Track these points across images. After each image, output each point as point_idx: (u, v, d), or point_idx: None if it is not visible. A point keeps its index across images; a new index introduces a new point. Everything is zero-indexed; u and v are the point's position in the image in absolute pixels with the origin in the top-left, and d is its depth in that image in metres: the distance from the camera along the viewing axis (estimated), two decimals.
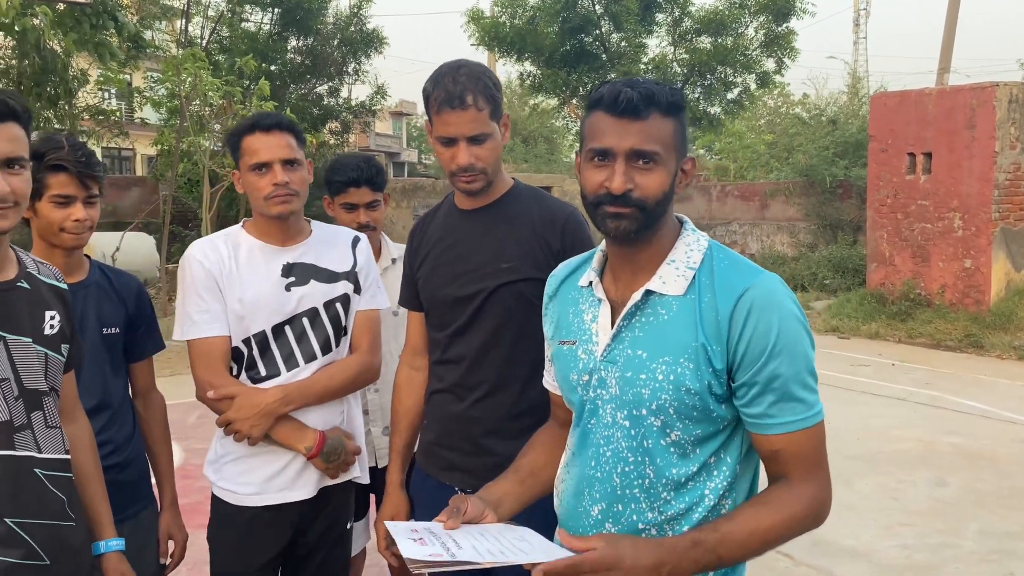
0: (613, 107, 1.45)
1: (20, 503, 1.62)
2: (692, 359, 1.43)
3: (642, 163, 1.45)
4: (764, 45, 18.17)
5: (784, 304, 1.43)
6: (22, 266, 1.74)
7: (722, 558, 1.40)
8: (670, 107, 1.47)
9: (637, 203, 1.45)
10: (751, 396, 1.43)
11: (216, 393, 2.14)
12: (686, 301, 1.46)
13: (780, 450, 1.44)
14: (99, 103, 19.56)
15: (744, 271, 1.48)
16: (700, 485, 1.48)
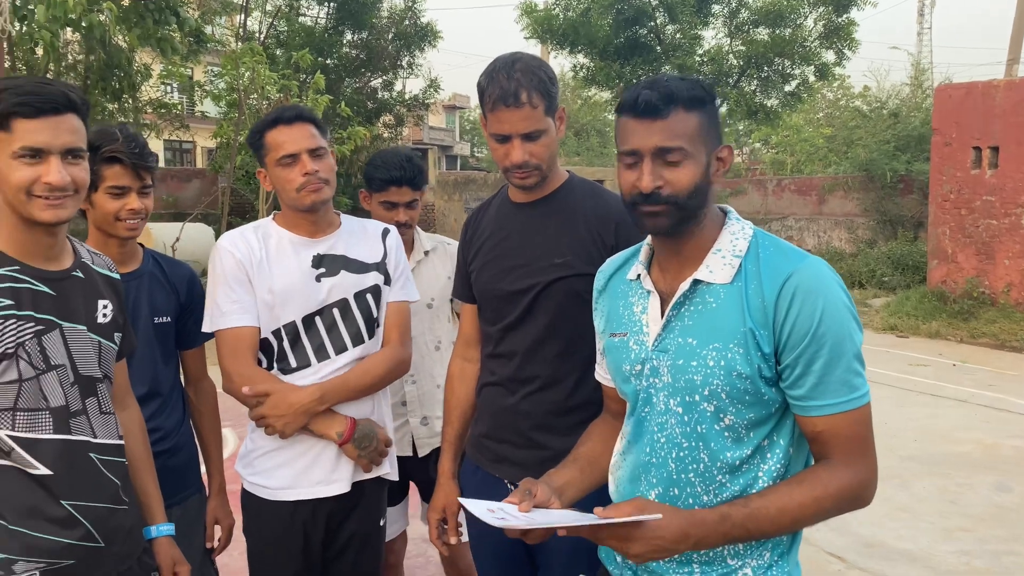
0: (634, 109, 1.49)
1: (76, 486, 1.67)
2: (741, 344, 1.46)
3: (669, 159, 1.48)
4: (823, 36, 17.76)
5: (830, 288, 1.45)
6: (77, 256, 1.78)
7: (751, 532, 1.44)
8: (692, 101, 1.49)
9: (668, 199, 1.48)
10: (794, 378, 1.45)
11: (252, 390, 2.13)
12: (733, 289, 1.49)
13: (822, 432, 1.46)
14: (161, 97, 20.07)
15: (789, 256, 1.49)
16: (754, 468, 1.51)
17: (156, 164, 2.27)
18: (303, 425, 2.13)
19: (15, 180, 1.57)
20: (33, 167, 1.58)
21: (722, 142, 1.56)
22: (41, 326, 1.63)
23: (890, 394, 7.70)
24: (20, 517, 1.61)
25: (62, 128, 1.61)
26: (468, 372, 2.28)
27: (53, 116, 1.60)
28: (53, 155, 1.60)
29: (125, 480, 1.80)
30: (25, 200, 1.59)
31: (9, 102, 1.56)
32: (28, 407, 1.61)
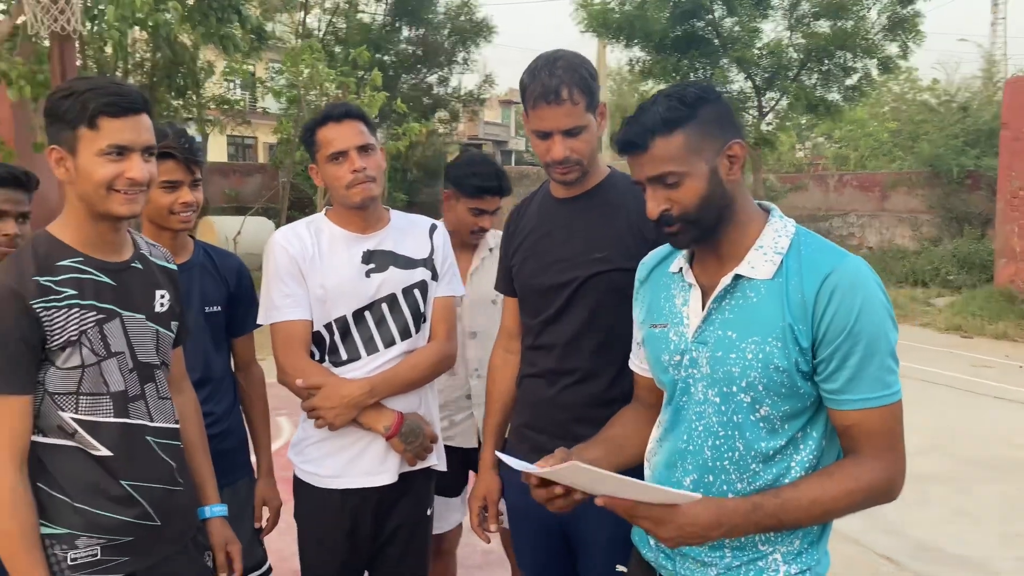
0: (621, 149, 1.59)
1: (134, 467, 1.76)
2: (780, 338, 1.49)
3: (666, 183, 1.54)
4: (887, 29, 17.26)
5: (868, 286, 1.48)
6: (136, 248, 1.87)
7: (782, 522, 1.49)
8: (667, 123, 1.53)
9: (680, 219, 1.55)
10: (829, 372, 1.48)
11: (305, 382, 2.20)
12: (774, 284, 1.53)
13: (852, 425, 1.49)
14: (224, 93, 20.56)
15: (829, 254, 1.53)
16: (787, 458, 1.55)
17: (204, 159, 2.35)
18: (353, 417, 2.19)
19: (99, 176, 1.66)
20: (117, 164, 1.67)
21: (738, 137, 1.58)
22: (103, 315, 1.72)
23: (952, 396, 7.51)
24: (83, 495, 1.70)
25: (141, 127, 1.70)
26: (510, 364, 2.32)
27: (134, 116, 1.69)
28: (135, 152, 1.69)
29: (180, 462, 1.89)
30: (105, 195, 1.67)
31: (98, 102, 1.64)
32: (90, 391, 1.70)
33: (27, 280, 1.64)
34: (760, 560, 1.56)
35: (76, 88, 1.67)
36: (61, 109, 1.66)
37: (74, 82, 1.70)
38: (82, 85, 1.67)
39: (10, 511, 1.61)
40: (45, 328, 1.64)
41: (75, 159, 1.67)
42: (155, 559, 1.79)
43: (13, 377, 1.63)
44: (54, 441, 1.69)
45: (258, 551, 2.51)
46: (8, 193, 2.23)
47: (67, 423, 1.69)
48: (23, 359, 1.63)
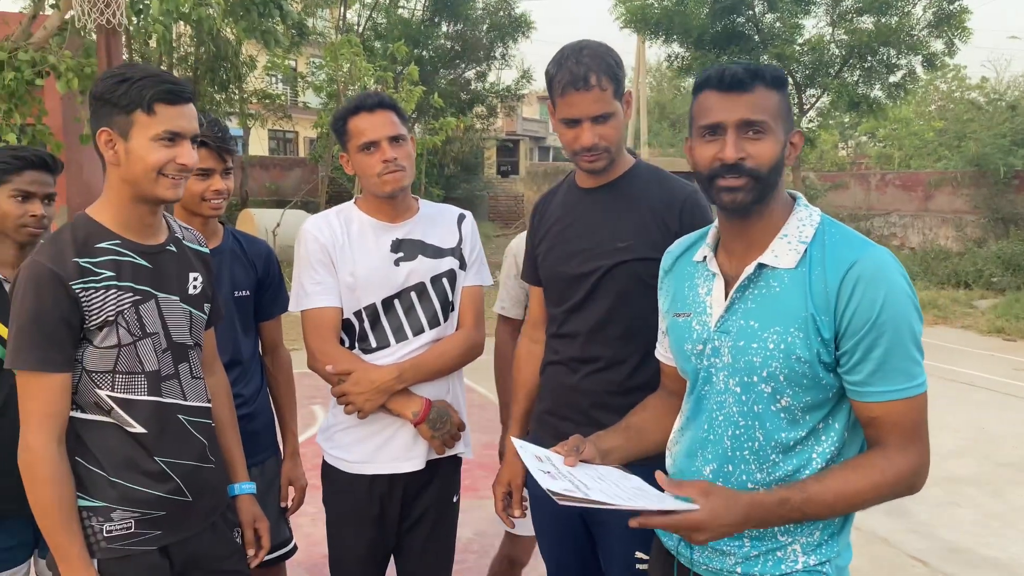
0: (720, 83, 1.52)
1: (167, 444, 1.81)
2: (802, 329, 1.48)
3: (752, 133, 1.51)
4: (933, 25, 16.92)
5: (892, 277, 1.46)
6: (171, 231, 1.92)
7: (807, 515, 1.49)
8: (774, 80, 1.53)
9: (751, 172, 1.50)
10: (852, 364, 1.47)
11: (335, 368, 2.21)
12: (797, 274, 1.51)
13: (877, 417, 1.48)
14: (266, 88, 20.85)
15: (854, 244, 1.51)
16: (808, 449, 1.53)
17: (236, 149, 2.41)
18: (382, 403, 2.22)
19: (152, 160, 1.72)
20: (169, 149, 1.73)
21: (793, 128, 1.59)
22: (139, 296, 1.78)
23: (992, 399, 7.36)
24: (118, 470, 1.76)
25: (191, 116, 1.77)
26: (535, 352, 2.34)
27: (186, 104, 1.76)
28: (186, 139, 1.75)
29: (212, 440, 1.94)
30: (155, 179, 1.73)
31: (155, 89, 1.71)
32: (126, 370, 1.76)
33: (67, 261, 1.70)
34: (779, 550, 1.55)
35: (130, 75, 1.72)
36: (115, 94, 1.71)
37: (125, 69, 1.75)
38: (136, 73, 1.73)
39: (49, 484, 1.67)
40: (84, 308, 1.70)
41: (126, 143, 1.72)
42: (186, 534, 1.85)
43: (53, 355, 1.69)
44: (92, 417, 1.76)
45: (284, 529, 2.57)
46: (35, 175, 2.29)
47: (104, 400, 1.75)
48: (63, 338, 1.69)
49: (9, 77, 8.87)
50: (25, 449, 1.69)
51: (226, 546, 1.98)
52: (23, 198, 2.27)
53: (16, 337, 1.69)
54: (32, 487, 1.68)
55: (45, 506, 1.68)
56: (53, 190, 2.34)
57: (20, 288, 1.70)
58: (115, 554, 1.75)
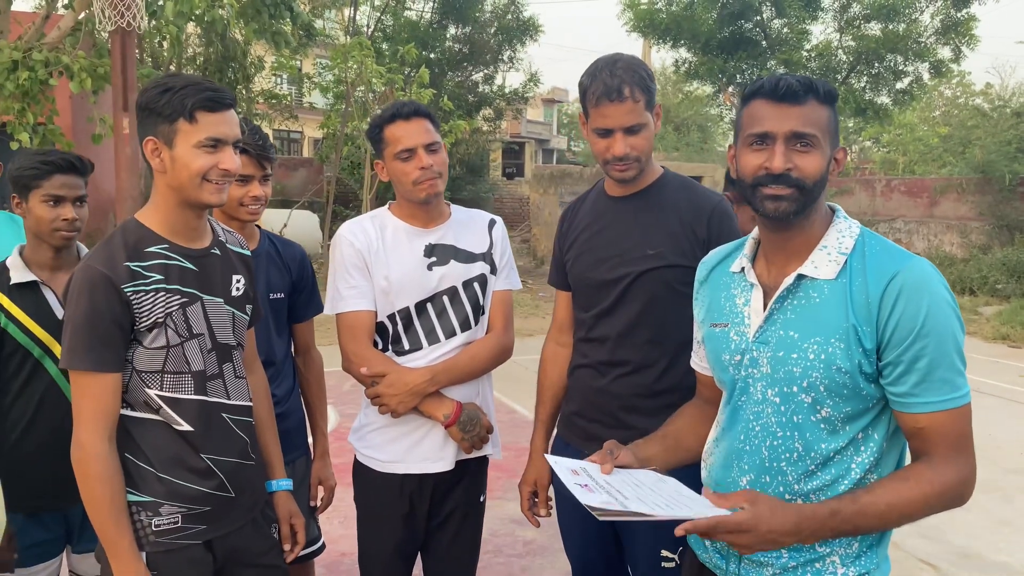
0: (773, 93, 1.53)
1: (212, 442, 1.87)
2: (843, 339, 1.48)
3: (800, 145, 1.52)
4: (940, 32, 16.96)
5: (934, 287, 1.47)
6: (215, 235, 1.98)
7: (858, 527, 1.48)
8: (827, 95, 1.54)
9: (796, 183, 1.51)
10: (896, 375, 1.47)
11: (369, 370, 2.27)
12: (837, 285, 1.52)
13: (923, 428, 1.48)
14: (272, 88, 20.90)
15: (895, 256, 1.52)
16: (847, 459, 1.53)
17: (276, 155, 2.46)
18: (414, 405, 2.27)
19: (196, 166, 1.77)
20: (212, 155, 1.78)
21: (839, 144, 1.61)
22: (185, 298, 1.83)
23: (998, 405, 7.40)
24: (167, 466, 1.81)
25: (233, 122, 1.82)
26: (560, 356, 2.40)
27: (226, 111, 1.80)
28: (228, 145, 1.80)
29: (252, 438, 2.00)
30: (199, 184, 1.78)
31: (197, 98, 1.76)
32: (173, 370, 1.81)
33: (118, 265, 1.76)
34: (817, 561, 1.54)
35: (173, 84, 1.77)
36: (159, 104, 1.76)
37: (169, 78, 1.81)
38: (179, 82, 1.78)
39: (101, 479, 1.72)
40: (134, 310, 1.76)
41: (171, 150, 1.78)
42: (228, 528, 1.91)
43: (106, 356, 1.74)
44: (141, 415, 1.81)
45: (313, 528, 2.62)
46: (65, 179, 2.34)
47: (152, 399, 1.80)
48: (114, 339, 1.75)
49: (23, 77, 8.92)
50: (78, 446, 1.73)
51: (265, 541, 2.03)
52: (54, 202, 2.32)
53: (71, 339, 1.74)
54: (84, 483, 1.73)
55: (97, 501, 1.73)
56: (83, 192, 2.39)
57: (74, 291, 1.75)
58: (163, 547, 1.80)
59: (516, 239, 19.22)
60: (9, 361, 2.32)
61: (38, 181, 2.31)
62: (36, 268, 2.37)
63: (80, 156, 2.40)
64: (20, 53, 9.07)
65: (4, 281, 2.33)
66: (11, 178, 2.36)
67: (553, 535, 2.43)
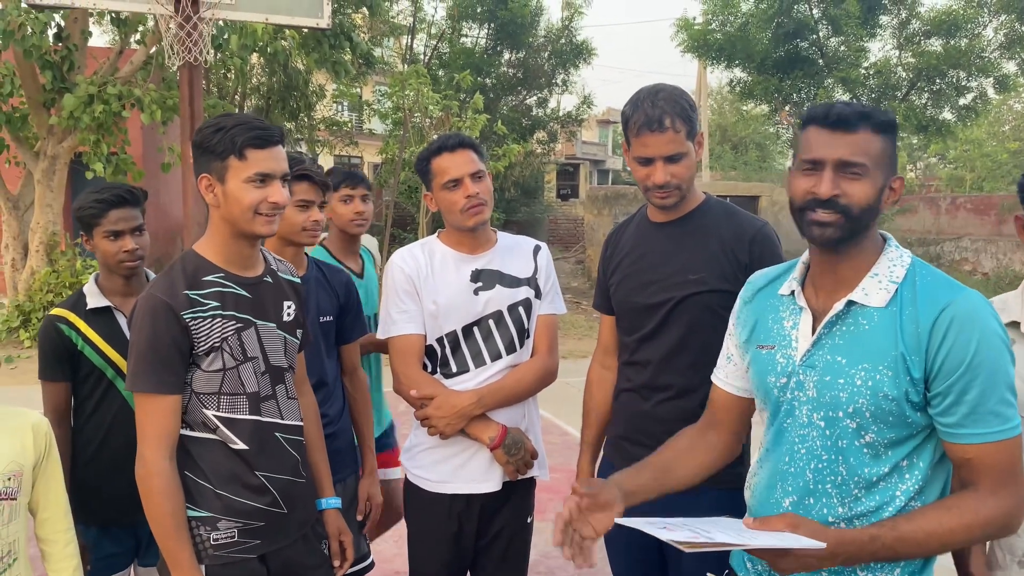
0: (825, 120, 1.55)
1: (266, 460, 1.96)
2: (891, 367, 1.49)
3: (850, 173, 1.53)
4: (1004, 46, 16.54)
5: (986, 320, 1.47)
6: (267, 264, 2.08)
7: (898, 554, 1.49)
8: (882, 125, 1.55)
9: (843, 209, 1.52)
10: (946, 406, 1.48)
11: (418, 392, 2.33)
12: (887, 313, 1.53)
13: (971, 459, 1.48)
14: (333, 115, 21.43)
15: (947, 287, 1.52)
16: (891, 486, 1.54)
17: (332, 185, 2.58)
18: (462, 427, 2.33)
19: (248, 201, 1.87)
20: (261, 189, 1.87)
21: (896, 173, 1.60)
22: (240, 324, 1.93)
23: None
24: (223, 483, 1.91)
25: (280, 157, 1.92)
26: (606, 379, 2.43)
27: (274, 147, 1.90)
28: (276, 179, 1.90)
29: (303, 456, 2.08)
30: (251, 218, 1.88)
31: (245, 136, 1.86)
32: (230, 392, 1.91)
33: (178, 294, 1.86)
34: None
35: (224, 124, 1.89)
36: (212, 142, 1.88)
37: (221, 119, 1.92)
38: (229, 122, 1.89)
39: (163, 496, 1.82)
40: (193, 335, 1.86)
41: (224, 186, 1.89)
42: (282, 543, 1.99)
43: (167, 379, 1.84)
44: (200, 435, 1.91)
45: (363, 545, 2.69)
46: (120, 213, 2.47)
47: (210, 419, 1.90)
48: (175, 363, 1.85)
49: (98, 110, 9.37)
50: (141, 464, 1.84)
51: (315, 556, 2.11)
52: (114, 236, 2.46)
53: (135, 363, 1.85)
54: (147, 498, 1.83)
55: (159, 516, 1.82)
56: (139, 222, 2.52)
57: (138, 319, 1.87)
58: (221, 560, 1.89)
59: (571, 260, 19.25)
60: (85, 382, 2.47)
61: (97, 219, 2.46)
62: (109, 294, 2.52)
63: (132, 187, 2.54)
64: (96, 87, 9.52)
65: (81, 306, 2.48)
66: (75, 218, 2.52)
67: (603, 557, 2.44)
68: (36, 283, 10.24)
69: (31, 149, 10.57)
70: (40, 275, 10.26)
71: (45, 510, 2.10)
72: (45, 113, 10.10)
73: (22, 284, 10.58)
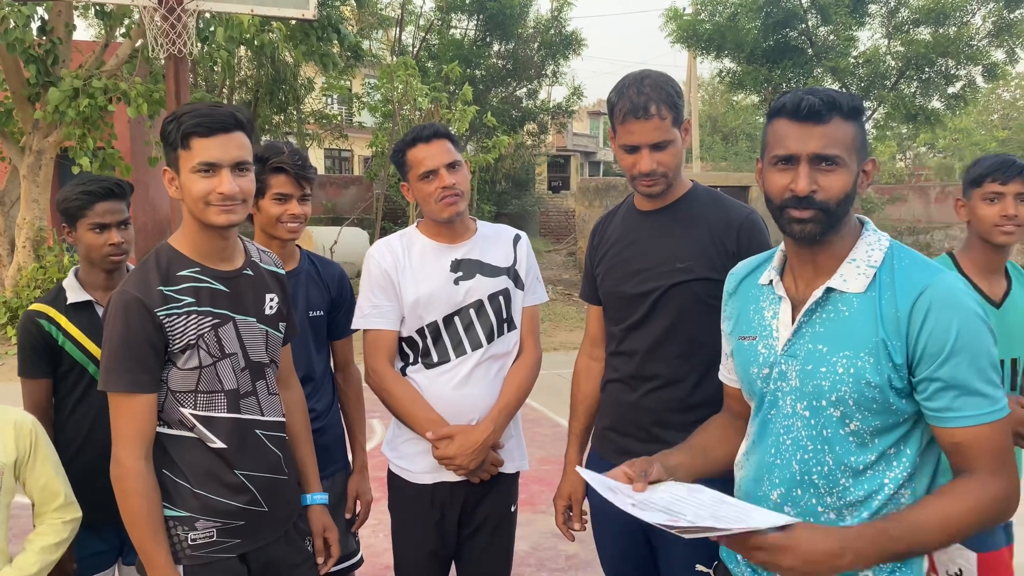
0: (795, 113, 1.52)
1: (246, 458, 1.92)
2: (872, 354, 1.48)
3: (825, 166, 1.51)
4: (993, 34, 16.56)
5: (964, 301, 1.45)
6: (248, 255, 2.03)
7: (911, 547, 1.42)
8: (851, 111, 1.52)
9: (821, 205, 1.51)
10: (932, 391, 1.45)
11: (435, 434, 2.31)
12: (866, 298, 1.51)
13: (962, 443, 1.46)
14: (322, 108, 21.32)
15: (924, 269, 1.51)
16: (879, 474, 1.52)
17: (315, 175, 2.53)
18: (484, 457, 2.35)
19: (195, 191, 1.82)
20: (209, 179, 1.82)
21: (868, 156, 1.59)
22: (218, 320, 1.89)
23: None
24: (201, 482, 1.87)
25: (231, 144, 1.84)
26: (593, 369, 2.41)
27: (223, 134, 1.83)
28: (224, 168, 1.83)
29: (286, 453, 2.05)
30: (203, 208, 1.83)
31: (188, 123, 1.81)
32: (207, 389, 1.87)
33: (152, 290, 1.82)
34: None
35: (177, 113, 1.84)
36: (166, 133, 1.84)
37: (180, 108, 1.87)
38: (182, 110, 1.84)
39: (138, 496, 1.79)
40: (168, 333, 1.82)
41: (179, 177, 1.85)
42: (262, 542, 1.96)
43: (141, 378, 1.81)
44: (177, 433, 1.87)
45: (351, 542, 2.66)
46: (106, 206, 2.43)
47: (187, 418, 1.86)
48: (149, 362, 1.81)
49: (84, 104, 9.29)
50: (116, 464, 1.80)
51: (299, 554, 2.08)
52: (99, 229, 2.42)
53: (107, 361, 1.81)
54: (123, 499, 1.80)
55: (134, 516, 1.79)
56: (125, 216, 2.48)
57: (110, 316, 1.82)
58: (199, 560, 1.86)
59: (562, 252, 19.23)
60: (66, 378, 2.43)
61: (82, 211, 2.42)
62: (90, 289, 2.48)
63: (119, 180, 2.50)
64: (81, 81, 9.43)
65: (61, 301, 2.44)
66: (59, 210, 2.47)
67: (595, 549, 2.44)
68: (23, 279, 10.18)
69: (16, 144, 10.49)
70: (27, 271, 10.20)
71: (41, 504, 2.08)
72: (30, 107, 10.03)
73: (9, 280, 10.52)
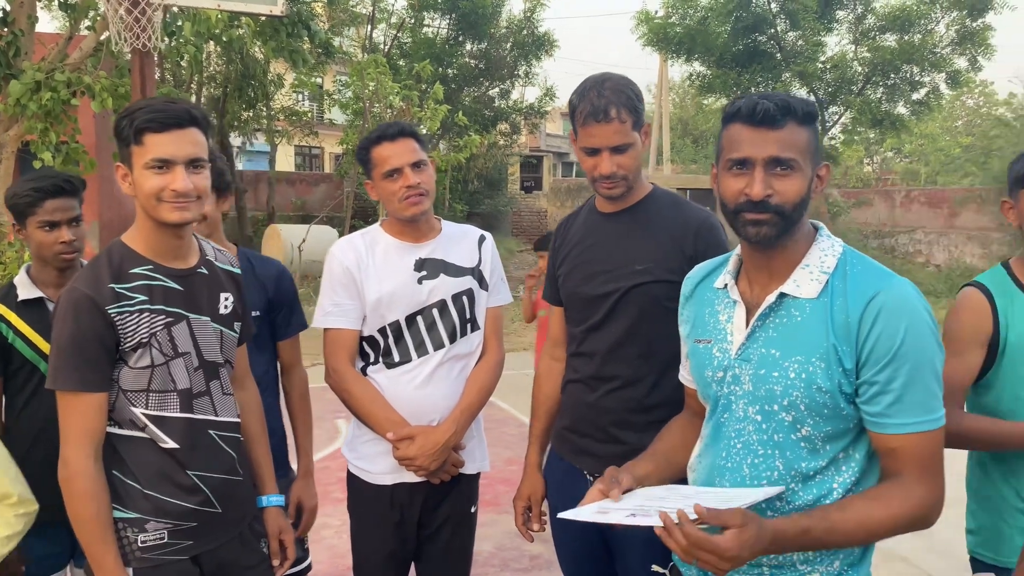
0: (751, 118, 1.52)
1: (199, 459, 1.89)
2: (823, 359, 1.48)
3: (780, 170, 1.51)
4: (956, 42, 16.89)
5: (914, 309, 1.47)
6: (203, 254, 2.00)
7: (827, 545, 1.49)
8: (806, 116, 1.53)
9: (776, 209, 1.51)
10: (871, 395, 1.47)
11: (395, 435, 2.30)
12: (819, 304, 1.52)
13: (896, 449, 1.48)
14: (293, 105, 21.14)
15: (877, 275, 1.52)
16: (828, 479, 1.53)
17: (230, 180, 2.49)
18: (445, 458, 2.34)
19: (147, 188, 1.79)
20: (162, 176, 1.79)
21: (821, 161, 1.59)
22: (171, 318, 1.86)
23: None
24: (152, 483, 1.84)
25: (185, 141, 1.81)
26: (555, 371, 2.41)
27: (177, 130, 1.80)
28: (178, 165, 1.80)
29: (241, 454, 2.02)
30: (156, 205, 1.80)
31: (142, 119, 1.78)
32: (159, 389, 1.84)
33: (103, 287, 1.79)
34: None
35: (131, 108, 1.81)
36: (119, 128, 1.81)
37: (135, 103, 1.84)
38: (136, 105, 1.81)
39: (86, 498, 1.76)
40: (119, 331, 1.79)
41: (132, 174, 1.82)
42: (215, 543, 1.93)
43: (90, 377, 1.77)
44: (127, 433, 1.84)
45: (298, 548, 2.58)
46: (57, 203, 2.37)
47: (138, 417, 1.83)
48: (99, 360, 1.78)
49: (46, 97, 9.09)
50: (64, 465, 1.77)
51: (253, 556, 2.05)
52: (50, 227, 2.36)
53: (56, 359, 1.78)
54: (70, 501, 1.77)
55: (82, 518, 1.76)
56: (77, 213, 2.42)
57: (60, 313, 1.79)
58: (149, 563, 1.83)
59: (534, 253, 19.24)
60: (16, 376, 2.38)
61: (32, 208, 2.36)
62: (42, 286, 2.42)
63: (70, 177, 2.43)
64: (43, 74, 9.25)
65: (11, 298, 2.38)
66: (7, 207, 2.41)
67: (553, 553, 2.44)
68: None
69: None
70: None
71: None
72: None
73: None
